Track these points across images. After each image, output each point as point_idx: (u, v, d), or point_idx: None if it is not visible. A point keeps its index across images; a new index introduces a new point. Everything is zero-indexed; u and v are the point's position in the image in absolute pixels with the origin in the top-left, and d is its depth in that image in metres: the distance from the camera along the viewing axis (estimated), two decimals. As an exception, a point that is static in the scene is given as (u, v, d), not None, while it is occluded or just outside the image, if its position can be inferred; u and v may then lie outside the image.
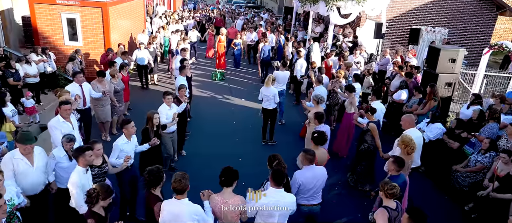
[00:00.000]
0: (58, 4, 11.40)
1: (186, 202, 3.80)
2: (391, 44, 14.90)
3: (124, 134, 5.37)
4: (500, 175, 5.39)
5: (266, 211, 3.95)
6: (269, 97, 8.06)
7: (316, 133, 5.34)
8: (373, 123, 6.40)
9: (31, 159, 4.60)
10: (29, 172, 4.57)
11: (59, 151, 4.91)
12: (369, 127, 6.38)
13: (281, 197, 3.99)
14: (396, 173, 4.62)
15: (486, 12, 15.57)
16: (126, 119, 5.53)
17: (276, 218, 4.01)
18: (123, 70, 9.16)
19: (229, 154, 7.95)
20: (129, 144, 5.37)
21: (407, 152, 5.16)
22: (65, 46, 11.91)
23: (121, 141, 5.32)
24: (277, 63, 10.00)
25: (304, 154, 4.68)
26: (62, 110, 5.74)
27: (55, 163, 4.85)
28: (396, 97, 8.72)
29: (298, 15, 22.00)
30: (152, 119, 5.86)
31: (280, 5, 35.12)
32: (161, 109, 6.50)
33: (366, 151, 6.45)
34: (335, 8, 12.62)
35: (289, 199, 4.05)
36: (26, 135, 4.55)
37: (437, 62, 8.21)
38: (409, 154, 5.16)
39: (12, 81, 8.66)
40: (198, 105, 10.79)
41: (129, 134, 5.36)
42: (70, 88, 7.16)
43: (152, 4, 24.43)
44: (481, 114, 6.95)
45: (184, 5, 34.17)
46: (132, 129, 5.35)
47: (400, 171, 4.63)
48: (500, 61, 15.62)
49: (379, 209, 4.01)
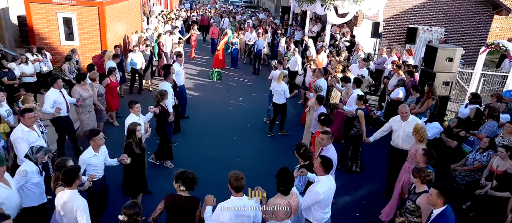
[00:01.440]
0: (54, 4, 11.33)
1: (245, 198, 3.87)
2: (388, 43, 14.92)
3: (92, 146, 4.88)
4: (497, 171, 5.39)
5: (325, 200, 4.17)
6: (279, 92, 8.56)
7: (323, 115, 5.91)
8: (361, 110, 6.91)
9: (5, 182, 4.17)
10: (11, 194, 4.17)
11: (29, 165, 4.48)
12: (357, 113, 6.88)
13: (331, 180, 4.31)
14: (425, 165, 4.74)
15: (483, 11, 15.63)
16: (94, 130, 5.07)
17: (330, 200, 4.32)
18: (111, 75, 8.67)
19: (227, 153, 7.92)
20: (97, 157, 4.88)
21: (419, 140, 5.36)
22: (61, 46, 11.83)
23: (87, 154, 4.82)
24: (274, 62, 9.99)
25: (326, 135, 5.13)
26: (25, 119, 5.25)
27: (25, 180, 4.39)
28: (393, 96, 8.73)
29: (296, 15, 22.03)
30: (135, 131, 5.34)
31: (277, 4, 35.14)
32: (128, 120, 5.92)
33: (355, 135, 7.00)
34: (332, 8, 12.62)
35: (333, 182, 4.35)
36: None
37: (435, 61, 8.21)
38: (421, 142, 5.34)
39: (6, 80, 8.58)
40: (195, 105, 10.75)
41: (97, 146, 4.88)
42: (51, 94, 6.74)
43: (148, 3, 24.35)
44: (478, 112, 6.96)
45: (180, 5, 34.08)
46: (100, 141, 4.89)
47: (428, 163, 4.78)
48: (496, 60, 15.67)
49: (422, 195, 4.23)
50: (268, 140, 8.82)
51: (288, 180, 3.87)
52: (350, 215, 6.13)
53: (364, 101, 7.12)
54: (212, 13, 26.95)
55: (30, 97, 6.34)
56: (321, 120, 5.86)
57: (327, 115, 6.02)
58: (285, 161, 5.26)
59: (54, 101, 6.70)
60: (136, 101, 6.27)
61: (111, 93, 8.62)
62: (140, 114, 6.27)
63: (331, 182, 4.30)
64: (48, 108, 6.64)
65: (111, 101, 8.62)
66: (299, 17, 21.74)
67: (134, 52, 11.30)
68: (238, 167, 4.14)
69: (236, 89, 12.82)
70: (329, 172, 4.26)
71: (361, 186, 6.99)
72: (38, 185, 4.52)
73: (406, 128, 6.01)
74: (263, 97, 11.43)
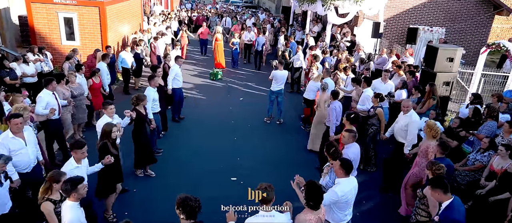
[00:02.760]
0: (55, 4, 11.36)
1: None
2: (388, 43, 14.93)
3: (74, 158, 4.66)
4: (497, 170, 5.40)
5: (344, 201, 4.16)
6: (313, 89, 9.21)
7: (353, 114, 6.01)
8: (380, 108, 7.12)
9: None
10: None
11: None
12: (376, 111, 7.09)
13: (352, 182, 4.28)
14: (441, 156, 5.03)
15: (483, 11, 15.63)
16: (79, 142, 4.78)
17: (352, 202, 4.33)
18: (94, 76, 8.56)
19: (228, 153, 7.93)
20: (80, 169, 4.67)
21: (433, 136, 5.49)
22: (62, 46, 11.86)
23: (69, 166, 4.60)
24: (276, 62, 10.00)
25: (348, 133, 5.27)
26: (12, 124, 4.89)
27: None
28: (397, 98, 8.71)
29: (296, 15, 22.03)
30: (110, 133, 5.22)
31: (277, 4, 35.14)
32: (100, 122, 5.75)
33: (375, 133, 7.22)
34: (332, 8, 12.63)
35: (356, 183, 4.34)
36: None
37: (435, 61, 8.22)
38: (434, 137, 5.47)
39: (8, 80, 8.61)
40: (196, 105, 10.78)
41: (78, 158, 4.67)
42: (44, 95, 6.58)
43: (149, 3, 24.36)
44: (476, 111, 6.96)
45: (181, 5, 34.09)
46: (82, 155, 4.68)
47: (444, 154, 5.06)
48: (497, 60, 15.68)
49: (428, 186, 4.31)
50: (269, 140, 8.83)
51: (317, 193, 3.63)
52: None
53: (381, 100, 7.24)
54: (212, 12, 26.93)
55: (19, 98, 6.09)
56: (350, 118, 5.92)
57: (356, 113, 6.14)
58: (286, 160, 5.29)
59: (47, 102, 6.55)
60: (110, 102, 6.03)
61: (94, 94, 8.63)
62: (114, 116, 6.01)
63: (352, 184, 4.24)
64: (41, 109, 6.47)
65: (93, 101, 8.64)
66: (300, 18, 21.75)
67: (126, 52, 11.24)
68: (238, 167, 4.16)
69: (236, 89, 12.83)
70: (349, 173, 4.23)
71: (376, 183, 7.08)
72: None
73: (402, 121, 6.35)
74: (263, 97, 11.45)
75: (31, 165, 5.18)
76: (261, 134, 9.19)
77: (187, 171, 7.14)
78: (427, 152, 5.45)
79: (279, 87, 9.43)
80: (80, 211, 3.93)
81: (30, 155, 5.12)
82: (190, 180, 6.78)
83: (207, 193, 6.03)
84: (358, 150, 5.26)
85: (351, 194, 4.21)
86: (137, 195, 6.28)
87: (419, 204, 4.69)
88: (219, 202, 3.98)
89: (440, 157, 5.08)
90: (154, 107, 7.38)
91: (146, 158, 6.70)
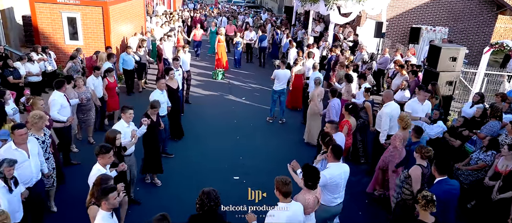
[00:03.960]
0: (59, 3, 11.41)
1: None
2: (391, 43, 14.91)
3: (99, 163, 4.51)
4: (503, 171, 5.38)
5: (334, 183, 4.48)
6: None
7: (351, 104, 6.60)
8: (368, 102, 7.48)
9: None
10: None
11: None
12: (364, 105, 7.44)
13: (342, 168, 4.65)
14: (417, 139, 5.74)
15: (486, 11, 15.57)
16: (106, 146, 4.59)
17: (341, 187, 4.65)
18: (109, 75, 8.40)
19: (231, 153, 7.95)
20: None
21: (403, 127, 5.96)
22: (66, 45, 11.92)
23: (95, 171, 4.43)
24: (278, 62, 10.02)
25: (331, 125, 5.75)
26: (16, 135, 4.59)
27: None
28: (399, 99, 8.69)
29: (299, 15, 22.01)
30: (114, 140, 4.99)
31: (280, 4, 35.15)
32: (117, 126, 5.54)
33: (362, 125, 7.46)
34: (335, 7, 12.63)
35: (346, 168, 4.71)
36: None
37: (438, 61, 8.20)
38: (405, 129, 5.97)
39: (12, 79, 8.66)
40: (198, 105, 10.80)
41: (104, 164, 4.55)
42: (57, 97, 6.48)
43: (152, 3, 24.43)
44: (484, 112, 6.95)
45: (184, 5, 34.15)
46: (109, 159, 4.56)
47: (419, 138, 5.75)
48: (500, 60, 15.63)
49: (414, 166, 4.92)
50: (271, 139, 8.84)
51: (315, 174, 4.02)
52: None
53: (371, 93, 7.72)
54: (214, 13, 26.97)
55: (40, 101, 5.78)
56: (348, 108, 6.54)
57: (355, 104, 6.83)
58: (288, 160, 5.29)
59: (61, 105, 6.48)
60: (129, 107, 5.74)
61: (109, 94, 8.38)
62: (130, 122, 5.73)
63: (341, 169, 4.60)
64: (56, 114, 6.38)
65: (108, 102, 8.43)
66: (302, 17, 21.74)
67: (127, 54, 10.90)
68: (241, 166, 4.18)
69: (239, 88, 12.84)
70: (339, 158, 4.63)
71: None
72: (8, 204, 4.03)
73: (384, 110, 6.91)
74: (266, 97, 11.46)
75: (33, 179, 4.83)
76: (264, 133, 9.20)
77: (190, 170, 7.17)
78: (395, 141, 5.91)
79: (281, 87, 9.44)
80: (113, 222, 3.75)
81: (33, 169, 4.77)
82: (192, 179, 6.82)
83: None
84: (341, 139, 5.75)
85: (340, 178, 4.54)
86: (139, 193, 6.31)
87: (404, 184, 5.02)
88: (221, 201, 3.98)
89: (416, 141, 5.72)
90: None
91: (154, 165, 6.49)
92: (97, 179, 3.98)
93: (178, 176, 6.92)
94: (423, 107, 7.19)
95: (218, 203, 3.56)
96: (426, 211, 3.84)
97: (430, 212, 3.84)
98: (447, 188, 4.55)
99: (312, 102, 8.26)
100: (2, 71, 8.72)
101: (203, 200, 3.52)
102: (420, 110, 7.12)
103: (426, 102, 7.24)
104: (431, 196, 3.84)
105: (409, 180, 4.92)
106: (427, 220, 3.85)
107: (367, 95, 7.61)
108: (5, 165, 4.09)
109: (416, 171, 4.86)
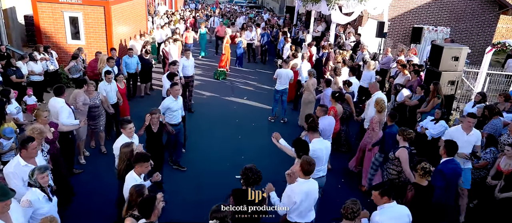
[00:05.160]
0: (61, 3, 11.44)
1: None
2: (393, 43, 14.89)
3: (135, 172, 4.38)
4: (504, 171, 5.37)
5: (315, 156, 4.79)
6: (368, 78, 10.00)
7: (337, 93, 7.32)
8: (349, 94, 8.08)
9: (7, 219, 3.42)
10: None
11: (34, 193, 3.84)
12: (345, 97, 7.89)
13: (324, 143, 5.24)
14: (391, 123, 6.18)
15: (489, 11, 15.55)
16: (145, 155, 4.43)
17: (324, 160, 5.16)
18: (118, 80, 7.99)
19: (232, 152, 7.95)
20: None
21: (378, 110, 6.63)
22: (68, 45, 11.94)
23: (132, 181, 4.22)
24: (280, 61, 10.05)
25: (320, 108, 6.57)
26: (29, 150, 4.28)
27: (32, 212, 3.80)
28: (399, 99, 8.69)
29: (300, 15, 22.01)
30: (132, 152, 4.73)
31: (281, 4, 35.16)
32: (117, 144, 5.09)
33: (345, 116, 7.93)
34: (337, 7, 12.62)
35: (328, 144, 5.34)
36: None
37: (440, 60, 8.19)
38: (380, 112, 6.63)
39: (14, 78, 8.69)
40: (200, 104, 10.80)
41: (141, 173, 4.42)
42: (63, 103, 6.17)
43: (153, 3, 24.45)
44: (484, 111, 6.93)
45: (185, 5, 34.19)
46: (146, 168, 4.43)
47: (393, 122, 6.19)
48: (502, 60, 15.59)
49: (401, 149, 5.29)
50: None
51: (304, 146, 4.73)
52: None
53: (349, 85, 8.30)
54: (216, 13, 26.99)
55: (44, 113, 5.39)
56: (335, 96, 7.25)
57: (341, 92, 7.55)
58: (290, 158, 5.29)
59: (69, 112, 6.16)
60: (128, 121, 5.30)
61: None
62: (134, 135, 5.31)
63: (323, 144, 5.19)
64: (66, 120, 6.02)
65: (120, 108, 8.05)
66: (304, 17, 21.74)
67: (129, 57, 10.45)
68: (243, 165, 4.19)
69: (241, 88, 12.85)
70: (316, 131, 5.28)
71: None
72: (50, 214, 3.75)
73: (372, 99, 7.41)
74: (267, 96, 11.46)
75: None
76: (265, 133, 9.18)
77: (191, 169, 7.17)
78: (372, 123, 6.61)
79: (283, 86, 9.44)
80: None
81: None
82: (194, 177, 6.84)
83: (214, 189, 6.13)
84: (329, 122, 6.46)
85: (321, 152, 5.08)
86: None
87: (390, 164, 5.46)
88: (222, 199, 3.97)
89: (390, 125, 6.18)
90: (169, 117, 6.57)
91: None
92: (132, 192, 3.76)
93: (179, 174, 6.92)
94: (470, 138, 5.63)
95: (260, 176, 4.01)
96: (422, 179, 4.47)
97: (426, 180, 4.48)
98: (452, 167, 4.96)
99: (307, 91, 9.02)
100: (4, 71, 8.75)
101: (247, 174, 3.97)
102: (464, 142, 5.53)
103: (473, 132, 5.67)
104: (429, 167, 4.43)
105: (395, 161, 5.32)
106: (422, 183, 4.50)
107: (347, 88, 8.27)
108: (37, 173, 3.84)
109: (403, 153, 5.25)
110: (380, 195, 3.87)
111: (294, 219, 4.27)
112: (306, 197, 4.19)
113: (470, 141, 5.68)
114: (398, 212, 3.91)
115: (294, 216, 4.26)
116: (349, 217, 3.63)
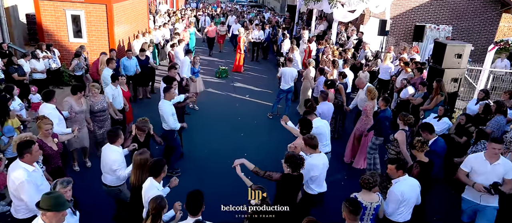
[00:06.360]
0: (63, 1, 11.41)
1: None
2: (395, 41, 14.87)
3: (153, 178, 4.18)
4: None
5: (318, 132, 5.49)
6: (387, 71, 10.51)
7: (329, 81, 8.00)
8: (341, 84, 8.50)
9: None
10: None
11: None
12: (338, 87, 8.31)
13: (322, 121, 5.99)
14: (384, 107, 6.61)
15: (491, 9, 15.50)
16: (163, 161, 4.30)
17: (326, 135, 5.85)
18: (121, 84, 7.56)
19: (235, 149, 7.94)
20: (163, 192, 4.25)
21: (371, 98, 7.17)
22: (70, 43, 11.92)
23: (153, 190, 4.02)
24: (283, 60, 10.06)
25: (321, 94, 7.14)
26: (33, 154, 4.01)
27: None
28: (403, 96, 8.68)
29: (301, 14, 21.98)
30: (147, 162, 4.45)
31: (282, 4, 35.13)
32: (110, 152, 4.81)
33: (338, 105, 8.28)
34: (339, 5, 12.60)
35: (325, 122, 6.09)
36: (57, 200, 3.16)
37: (443, 58, 8.17)
38: (372, 99, 7.20)
39: (17, 76, 8.69)
40: (202, 103, 10.79)
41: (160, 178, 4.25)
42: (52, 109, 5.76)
43: (154, 2, 24.41)
44: (486, 107, 6.92)
45: (186, 4, 34.16)
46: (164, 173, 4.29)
47: (386, 106, 6.63)
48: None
49: (399, 131, 5.78)
50: (275, 135, 8.82)
51: (308, 124, 5.29)
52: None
53: (343, 77, 8.78)
54: (218, 11, 26.95)
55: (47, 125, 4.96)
56: (327, 84, 7.88)
57: (333, 80, 8.16)
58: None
59: (58, 118, 5.71)
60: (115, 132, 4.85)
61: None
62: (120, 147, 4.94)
63: (322, 121, 5.90)
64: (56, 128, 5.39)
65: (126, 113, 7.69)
66: (305, 16, 21.71)
67: (127, 59, 9.95)
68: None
69: (242, 87, 12.84)
70: (313, 111, 6.09)
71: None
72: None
73: (361, 94, 7.93)
74: (269, 94, 11.46)
75: None
76: (267, 130, 9.20)
77: (193, 167, 7.17)
78: (366, 110, 7.11)
79: (288, 86, 9.45)
80: None
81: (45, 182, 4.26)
82: (196, 175, 6.84)
83: (217, 186, 6.11)
84: (328, 107, 7.01)
85: (323, 128, 5.75)
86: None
87: (390, 145, 5.94)
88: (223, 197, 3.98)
89: (384, 109, 6.58)
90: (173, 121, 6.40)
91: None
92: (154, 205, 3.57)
93: (181, 172, 6.90)
94: (495, 169, 4.45)
95: (303, 161, 4.32)
96: (421, 152, 4.85)
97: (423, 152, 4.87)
98: (441, 145, 5.55)
99: (306, 80, 9.68)
100: (7, 69, 8.75)
101: (293, 161, 4.24)
102: (487, 173, 4.48)
103: (500, 161, 4.47)
104: (424, 139, 4.95)
105: (395, 142, 5.80)
106: (424, 159, 4.88)
107: (341, 78, 8.76)
108: (59, 187, 3.64)
109: (401, 135, 5.73)
110: (396, 169, 4.32)
111: (314, 189, 4.87)
112: (324, 168, 4.86)
113: (496, 171, 4.47)
114: (412, 184, 4.37)
115: (314, 186, 4.87)
116: (366, 187, 4.16)
